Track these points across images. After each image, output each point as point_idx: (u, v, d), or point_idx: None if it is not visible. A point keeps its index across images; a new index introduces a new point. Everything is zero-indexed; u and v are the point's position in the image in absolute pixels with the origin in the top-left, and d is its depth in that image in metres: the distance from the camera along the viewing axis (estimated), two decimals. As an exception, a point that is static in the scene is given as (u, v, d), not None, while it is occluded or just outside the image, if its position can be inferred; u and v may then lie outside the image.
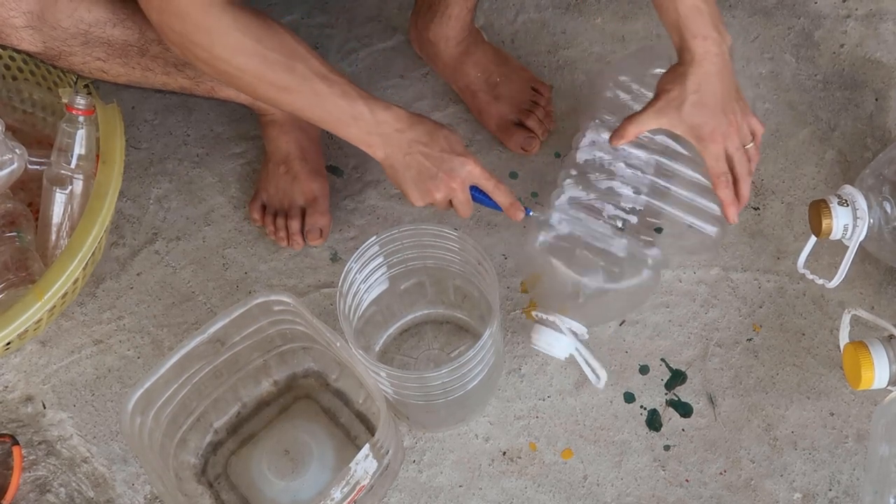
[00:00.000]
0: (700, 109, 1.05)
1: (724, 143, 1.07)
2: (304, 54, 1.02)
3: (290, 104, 1.05)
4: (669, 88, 1.06)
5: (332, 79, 1.03)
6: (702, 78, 1.04)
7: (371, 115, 1.04)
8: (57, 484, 1.18)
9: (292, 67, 1.01)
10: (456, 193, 1.08)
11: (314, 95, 1.03)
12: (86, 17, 1.07)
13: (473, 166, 1.07)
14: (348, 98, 1.03)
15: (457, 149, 1.07)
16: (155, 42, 1.13)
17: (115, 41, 1.10)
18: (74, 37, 1.08)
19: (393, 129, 1.05)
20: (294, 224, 1.29)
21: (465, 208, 1.10)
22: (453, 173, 1.06)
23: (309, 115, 1.06)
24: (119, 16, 1.09)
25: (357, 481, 0.99)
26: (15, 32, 1.05)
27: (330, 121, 1.05)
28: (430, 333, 1.23)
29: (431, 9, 1.30)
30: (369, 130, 1.05)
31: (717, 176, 1.09)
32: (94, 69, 1.13)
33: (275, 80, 1.02)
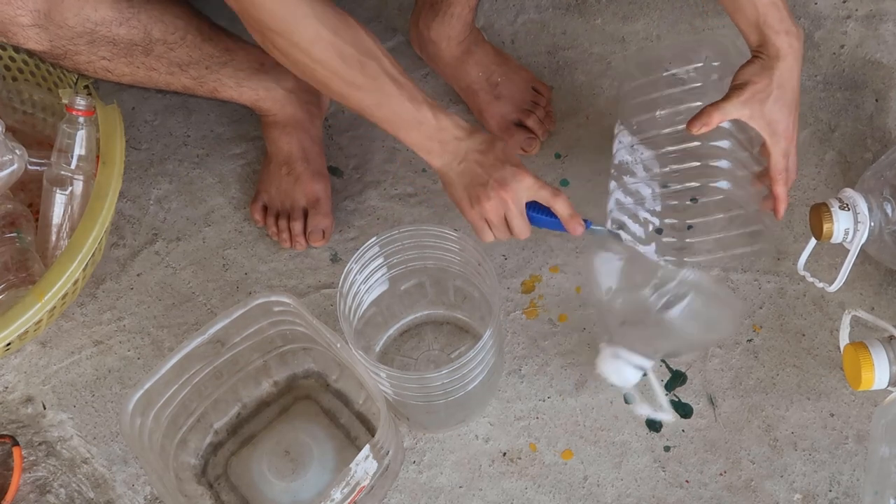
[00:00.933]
0: (781, 106, 1.05)
1: (790, 143, 1.08)
2: (377, 53, 1.03)
3: (358, 102, 1.04)
4: (756, 81, 1.05)
5: (402, 81, 1.03)
6: (786, 74, 1.04)
7: (435, 122, 1.04)
8: (57, 485, 1.18)
9: (365, 64, 1.01)
10: (508, 204, 1.05)
11: (383, 95, 1.03)
12: (92, 16, 1.07)
13: (527, 177, 1.05)
14: (415, 102, 1.03)
15: (511, 160, 1.06)
16: (159, 42, 1.13)
17: (121, 40, 1.10)
18: (80, 36, 1.08)
19: (452, 136, 1.05)
20: (296, 225, 1.29)
21: (520, 223, 1.07)
22: (504, 182, 1.04)
23: (375, 115, 1.05)
24: (125, 15, 1.09)
25: (357, 482, 0.99)
26: (21, 31, 1.05)
27: (395, 122, 1.05)
28: (430, 334, 1.23)
29: (433, 8, 1.30)
30: (430, 136, 1.05)
31: (780, 172, 1.08)
32: (99, 68, 1.13)
33: (347, 76, 1.02)
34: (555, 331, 1.23)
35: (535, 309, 1.25)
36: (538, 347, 1.22)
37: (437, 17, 1.30)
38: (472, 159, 1.05)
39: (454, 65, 1.34)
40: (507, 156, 1.06)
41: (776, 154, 1.07)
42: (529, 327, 1.24)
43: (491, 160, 1.05)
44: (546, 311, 1.24)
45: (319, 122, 1.34)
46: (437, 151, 1.06)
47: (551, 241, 1.28)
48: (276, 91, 1.26)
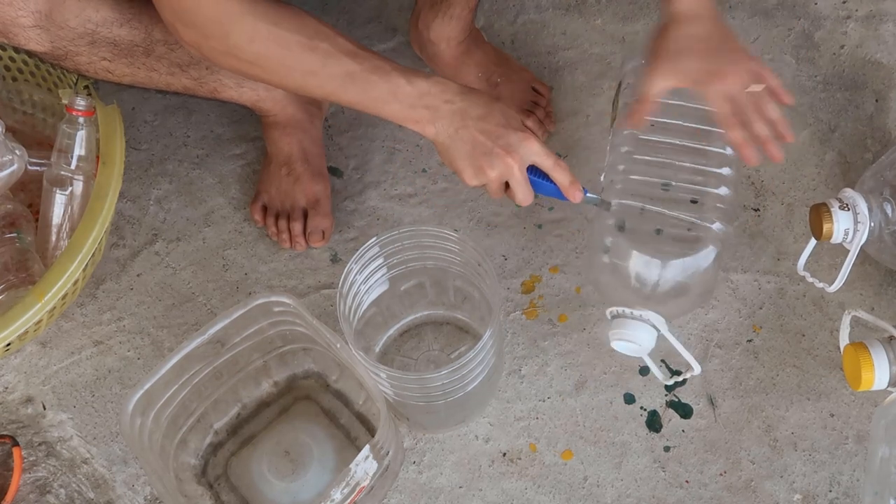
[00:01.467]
0: (689, 54, 1.03)
1: (727, 85, 1.03)
2: (327, 33, 0.98)
3: (320, 88, 0.99)
4: (656, 46, 1.05)
5: (361, 55, 0.98)
6: (683, 27, 1.03)
7: (412, 88, 0.98)
8: (57, 485, 1.18)
9: (315, 47, 0.97)
10: (513, 171, 0.99)
11: (345, 76, 0.98)
12: (93, 17, 1.07)
13: (533, 142, 0.99)
14: (381, 73, 0.97)
15: (514, 123, 0.99)
16: (160, 42, 1.13)
17: (122, 41, 1.10)
18: (81, 36, 1.08)
19: (441, 100, 0.98)
20: (296, 226, 1.29)
21: (524, 189, 1.01)
22: (510, 149, 0.98)
23: (343, 98, 1.00)
24: (126, 15, 1.09)
25: (357, 482, 0.99)
26: (23, 32, 1.05)
27: (367, 101, 0.99)
28: (430, 334, 1.23)
29: (433, 8, 1.30)
30: (413, 104, 0.98)
31: (726, 116, 1.03)
32: (100, 69, 1.13)
33: (297, 64, 0.97)
34: (555, 331, 1.23)
35: (535, 309, 1.25)
36: (538, 348, 1.22)
37: (437, 18, 1.30)
38: (472, 125, 0.99)
39: (454, 65, 1.34)
40: (509, 119, 1.00)
41: (711, 101, 1.04)
42: (529, 328, 1.24)
43: (493, 126, 0.99)
44: (546, 312, 1.24)
45: (319, 123, 1.34)
46: (427, 118, 0.99)
47: (551, 242, 1.28)
48: (276, 91, 1.26)
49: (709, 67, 1.03)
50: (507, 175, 1.00)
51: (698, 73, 1.03)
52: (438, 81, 0.99)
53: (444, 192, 1.33)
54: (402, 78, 0.98)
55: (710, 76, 1.03)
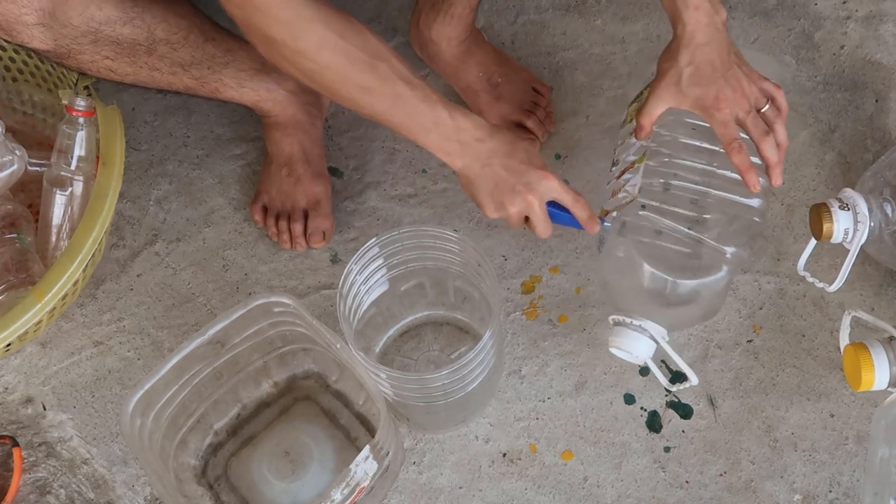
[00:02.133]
0: (698, 80, 1.05)
1: (732, 109, 1.05)
2: (386, 54, 1.00)
3: (371, 106, 1.02)
4: (666, 67, 1.06)
5: (415, 82, 1.00)
6: (694, 49, 1.04)
7: (452, 122, 1.01)
8: (57, 485, 1.18)
9: (375, 67, 0.99)
10: (533, 208, 1.03)
11: (395, 98, 1.00)
12: (96, 16, 1.08)
13: (553, 181, 1.03)
14: (429, 102, 1.01)
15: (536, 162, 1.03)
16: (163, 42, 1.13)
17: (124, 40, 1.11)
18: (84, 35, 1.08)
19: (473, 137, 1.02)
20: (297, 226, 1.29)
21: (544, 225, 1.05)
22: (531, 186, 1.02)
23: (388, 119, 1.02)
24: (129, 14, 1.10)
25: (357, 483, 0.99)
26: (26, 30, 1.05)
27: (410, 126, 1.02)
28: (430, 335, 1.23)
29: (434, 8, 1.30)
30: (449, 137, 1.02)
31: (728, 143, 1.05)
32: (102, 68, 1.13)
33: (358, 80, 0.99)
34: (555, 331, 1.23)
35: (535, 310, 1.25)
36: (538, 348, 1.22)
37: (438, 18, 1.30)
38: (496, 163, 1.03)
39: (454, 65, 1.34)
40: (531, 158, 1.04)
41: (717, 126, 1.06)
42: (529, 328, 1.24)
43: (516, 164, 1.03)
44: (546, 312, 1.24)
45: (320, 124, 1.34)
46: (458, 153, 1.03)
47: (551, 242, 1.28)
48: (277, 92, 1.26)
49: (713, 93, 1.05)
50: (528, 211, 1.04)
51: (702, 99, 1.05)
52: (473, 118, 1.03)
53: (444, 193, 1.33)
54: (445, 111, 1.01)
55: (714, 101, 1.05)
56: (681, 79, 1.05)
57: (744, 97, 1.06)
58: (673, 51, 1.06)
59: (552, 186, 1.04)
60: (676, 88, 1.06)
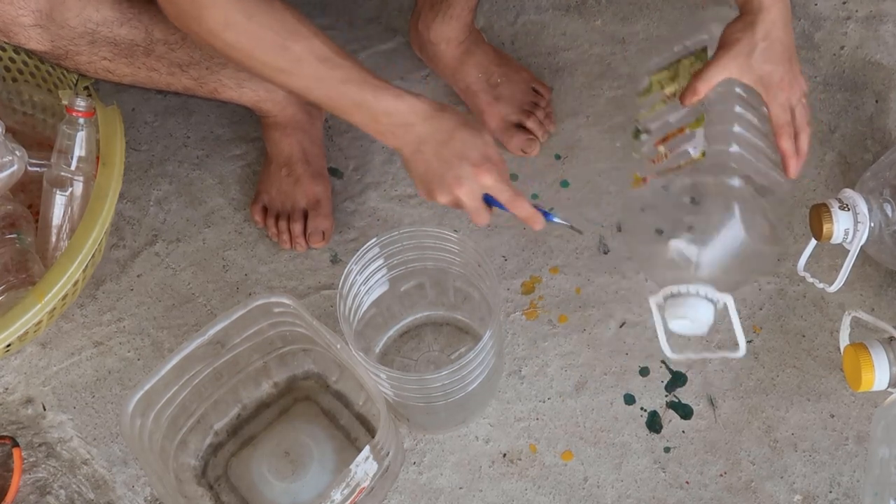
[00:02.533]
0: (769, 57, 1.04)
1: (790, 93, 1.06)
2: (304, 33, 0.97)
3: (289, 86, 1.01)
4: (738, 38, 1.04)
5: (335, 62, 0.98)
6: (770, 26, 1.03)
7: (376, 103, 0.99)
8: (57, 486, 1.18)
9: (287, 48, 0.97)
10: (461, 201, 1.01)
11: (314, 79, 0.98)
12: (93, 17, 1.08)
13: (486, 177, 1.00)
14: (351, 83, 0.98)
15: (472, 155, 1.00)
16: (160, 42, 1.13)
17: (122, 41, 1.11)
18: (82, 36, 1.08)
19: (401, 121, 0.99)
20: (297, 227, 1.29)
21: (478, 216, 1.03)
22: (461, 181, 1.00)
23: (309, 98, 1.02)
24: (126, 15, 1.10)
25: (357, 483, 0.99)
26: (23, 31, 1.05)
27: (333, 106, 1.01)
28: (430, 335, 1.23)
29: (433, 9, 1.30)
30: (375, 119, 0.99)
31: (782, 126, 1.06)
32: (100, 69, 1.13)
33: (267, 61, 0.98)
34: (555, 332, 1.23)
35: (535, 310, 1.25)
36: (538, 348, 1.22)
37: (437, 19, 1.30)
38: (428, 151, 1.00)
39: (454, 66, 1.34)
40: (468, 150, 1.00)
41: (774, 107, 1.06)
42: (529, 328, 1.24)
43: (449, 155, 1.00)
44: (546, 313, 1.24)
45: (319, 124, 1.34)
46: (388, 135, 1.01)
47: (551, 243, 1.28)
48: (276, 92, 1.26)
49: (780, 73, 1.04)
50: (456, 204, 1.02)
51: (769, 77, 1.04)
52: (406, 101, 1.00)
53: (444, 193, 1.33)
54: (370, 93, 0.98)
55: (780, 81, 1.05)
56: (753, 52, 1.03)
57: (799, 85, 1.06)
58: (748, 23, 1.04)
59: (486, 184, 1.00)
60: (746, 60, 1.04)
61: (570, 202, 1.31)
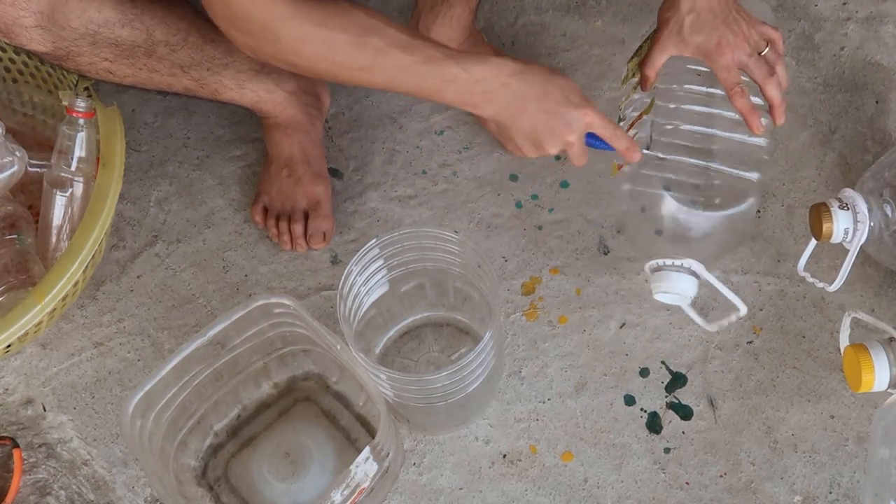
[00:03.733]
0: (700, 27, 1.07)
1: (734, 54, 1.07)
2: (377, 26, 0.98)
3: (374, 83, 1.01)
4: (667, 17, 1.08)
5: (414, 45, 0.98)
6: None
7: (466, 74, 0.98)
8: (57, 486, 1.18)
9: (364, 44, 0.97)
10: (573, 147, 1.03)
11: (397, 69, 0.98)
12: (95, 18, 1.08)
13: (592, 116, 1.02)
14: (435, 62, 0.98)
15: (573, 99, 1.01)
16: (162, 43, 1.13)
17: (123, 42, 1.11)
18: (83, 37, 1.08)
19: (497, 84, 0.99)
20: (297, 227, 1.29)
21: (581, 157, 1.05)
22: (570, 125, 1.01)
23: (399, 90, 1.01)
24: (128, 16, 1.10)
25: (357, 484, 0.99)
26: (25, 32, 1.05)
27: (422, 91, 1.00)
28: (430, 336, 1.23)
29: (433, 10, 1.29)
30: (469, 90, 0.99)
31: (731, 87, 1.08)
32: (101, 70, 1.13)
33: (348, 62, 0.98)
34: (555, 332, 1.23)
35: (535, 311, 1.25)
36: (538, 349, 1.22)
37: (437, 20, 1.29)
38: (533, 107, 1.00)
39: (454, 67, 1.34)
40: (568, 95, 1.02)
41: (719, 71, 1.08)
42: (529, 329, 1.24)
43: (553, 105, 1.01)
44: (546, 313, 1.24)
45: (320, 124, 1.34)
46: (483, 103, 1.01)
47: (551, 243, 1.28)
48: (276, 93, 1.26)
49: (715, 38, 1.07)
50: (566, 150, 1.03)
51: (705, 45, 1.07)
52: (493, 64, 1.00)
53: (444, 194, 1.33)
54: (456, 66, 0.98)
55: (716, 46, 1.07)
56: (682, 27, 1.07)
57: (744, 41, 1.08)
58: (673, 1, 1.07)
59: (591, 122, 1.02)
60: (678, 37, 1.07)
61: (570, 203, 1.31)
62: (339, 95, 1.40)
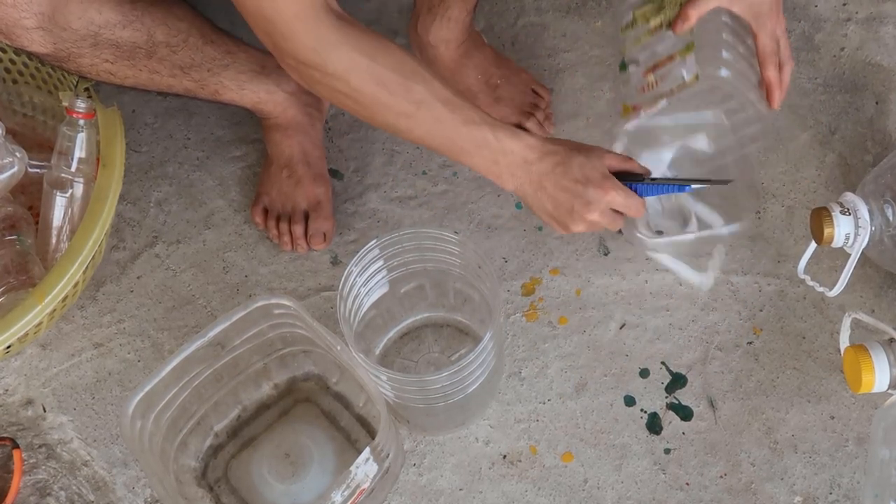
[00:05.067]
0: None
1: (776, 24, 1.07)
2: (424, 75, 0.97)
3: (409, 131, 1.00)
4: None
5: (456, 103, 0.98)
6: None
7: (497, 143, 0.99)
8: (57, 487, 1.18)
9: (410, 89, 0.97)
10: (597, 224, 1.03)
11: (435, 122, 0.98)
12: (96, 19, 1.08)
13: (611, 193, 1.01)
14: (472, 125, 0.98)
15: (592, 176, 1.00)
16: (162, 45, 1.13)
17: (124, 43, 1.11)
18: (84, 38, 1.08)
19: (521, 159, 1.00)
20: (298, 228, 1.29)
21: (615, 225, 1.05)
22: (590, 205, 1.01)
23: (429, 143, 1.01)
24: (128, 18, 1.10)
25: (357, 485, 0.99)
26: (26, 34, 1.05)
27: (452, 148, 1.00)
28: (430, 337, 1.23)
29: (431, 12, 1.29)
30: (495, 160, 1.00)
31: (769, 55, 1.07)
32: (102, 71, 1.13)
33: (392, 104, 0.97)
34: (555, 333, 1.23)
35: (535, 311, 1.25)
36: (538, 350, 1.22)
37: (436, 21, 1.29)
38: (551, 185, 1.00)
39: (453, 68, 1.34)
40: (587, 173, 1.01)
41: (762, 36, 1.07)
42: (529, 330, 1.24)
43: (571, 182, 1.00)
44: (546, 314, 1.24)
45: (320, 125, 1.34)
46: (506, 176, 1.01)
47: (551, 244, 1.28)
48: (277, 94, 1.26)
49: (767, 2, 1.06)
50: (592, 227, 1.03)
51: (758, 5, 1.06)
52: (523, 139, 1.00)
53: (444, 195, 1.33)
54: (490, 133, 0.99)
55: (769, 11, 1.06)
56: None
57: (782, 17, 1.08)
58: None
59: (613, 200, 1.01)
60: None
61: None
62: (340, 96, 1.40)
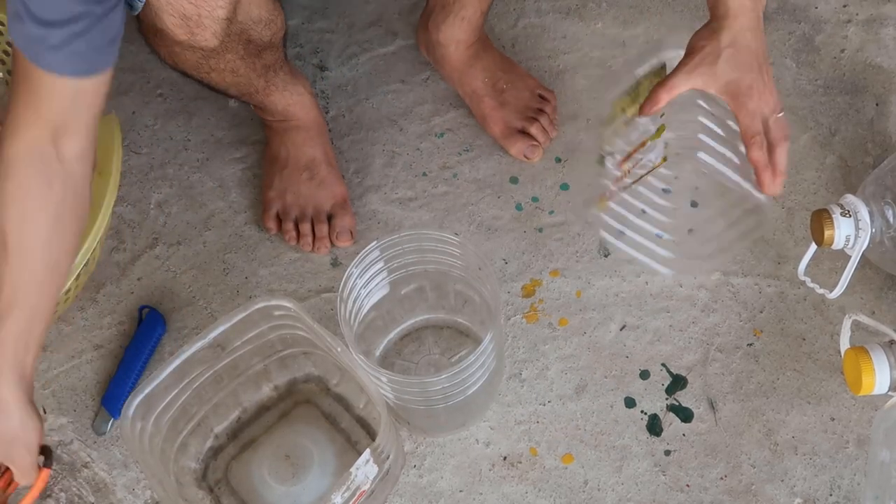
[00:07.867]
0: (735, 65, 0.98)
1: (760, 103, 0.99)
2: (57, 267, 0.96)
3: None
4: (703, 45, 0.99)
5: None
6: (737, 32, 0.98)
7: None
8: (57, 489, 1.18)
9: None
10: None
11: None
12: (253, 14, 1.07)
13: None
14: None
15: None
16: (269, 45, 1.13)
17: (257, 41, 1.10)
18: (240, 34, 1.07)
19: None
20: (323, 228, 1.28)
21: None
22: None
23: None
24: (272, 16, 1.10)
25: (358, 486, 0.99)
26: (213, 25, 1.01)
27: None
28: (430, 338, 1.23)
29: (444, 10, 1.29)
30: None
31: (752, 136, 0.98)
32: (222, 70, 1.12)
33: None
34: (555, 335, 1.23)
35: (535, 313, 1.25)
36: (538, 351, 1.22)
37: (448, 20, 1.29)
38: None
39: (461, 69, 1.34)
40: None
41: (742, 115, 0.99)
42: (530, 331, 1.24)
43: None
44: (546, 316, 1.24)
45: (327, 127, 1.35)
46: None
47: (551, 246, 1.28)
48: (305, 96, 1.27)
49: (747, 81, 0.98)
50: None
51: (735, 85, 0.99)
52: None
53: (444, 196, 1.33)
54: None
55: (747, 89, 0.98)
56: (718, 59, 0.98)
57: (771, 96, 1.00)
58: (714, 30, 0.99)
59: None
60: (710, 69, 0.98)
61: (570, 205, 1.31)
62: (340, 98, 1.40)
